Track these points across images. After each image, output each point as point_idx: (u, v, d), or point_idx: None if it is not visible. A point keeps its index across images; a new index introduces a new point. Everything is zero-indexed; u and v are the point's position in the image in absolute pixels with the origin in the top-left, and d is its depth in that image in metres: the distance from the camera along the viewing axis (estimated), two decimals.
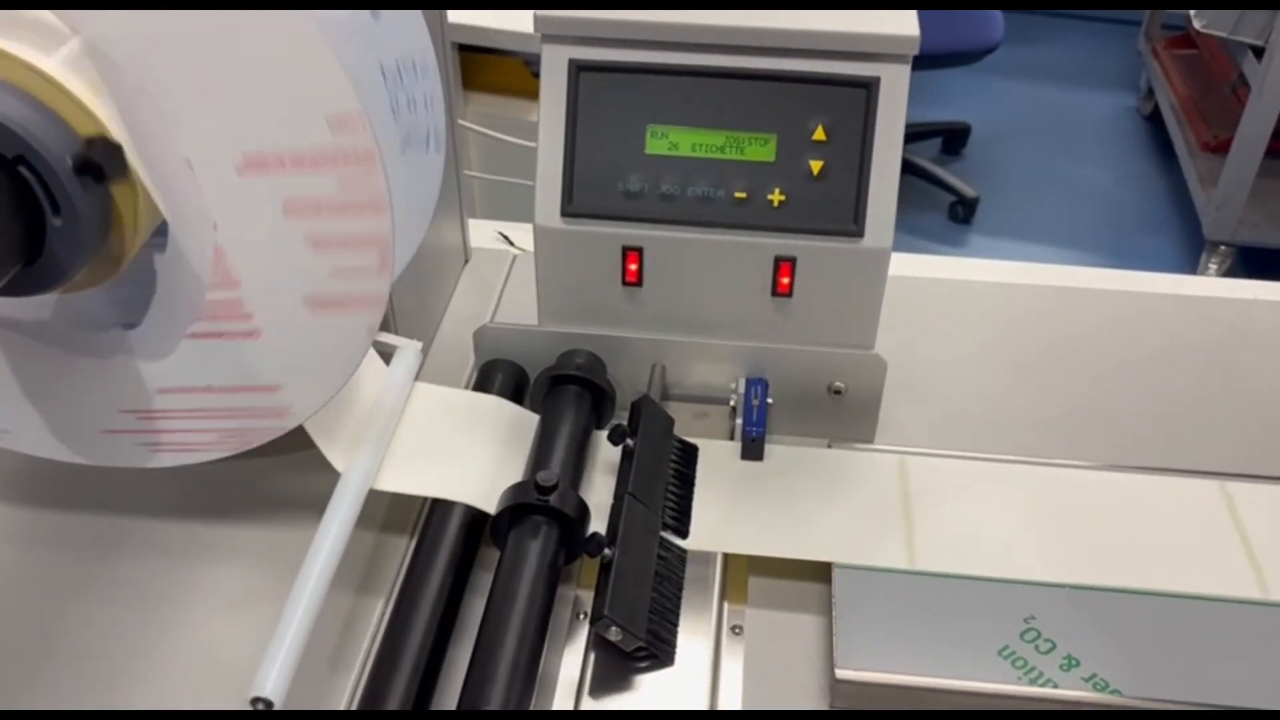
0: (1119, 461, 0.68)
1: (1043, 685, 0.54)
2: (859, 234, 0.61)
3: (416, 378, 0.63)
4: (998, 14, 2.13)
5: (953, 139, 2.67)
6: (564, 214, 0.62)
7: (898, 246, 0.63)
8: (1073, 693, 0.54)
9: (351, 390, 0.58)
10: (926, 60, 2.17)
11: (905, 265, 0.89)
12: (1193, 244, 2.31)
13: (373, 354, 0.61)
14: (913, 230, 2.42)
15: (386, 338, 0.62)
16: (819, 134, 0.61)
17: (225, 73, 0.45)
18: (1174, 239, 2.41)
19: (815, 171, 0.61)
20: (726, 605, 0.60)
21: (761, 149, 0.61)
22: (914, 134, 2.62)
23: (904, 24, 0.59)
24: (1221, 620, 0.57)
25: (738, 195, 0.61)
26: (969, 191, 2.42)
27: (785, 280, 0.64)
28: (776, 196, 0.61)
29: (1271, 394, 0.75)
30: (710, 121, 0.61)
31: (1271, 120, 2.00)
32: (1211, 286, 0.89)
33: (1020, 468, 0.66)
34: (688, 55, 0.61)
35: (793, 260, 0.63)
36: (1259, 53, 2.01)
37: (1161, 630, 0.56)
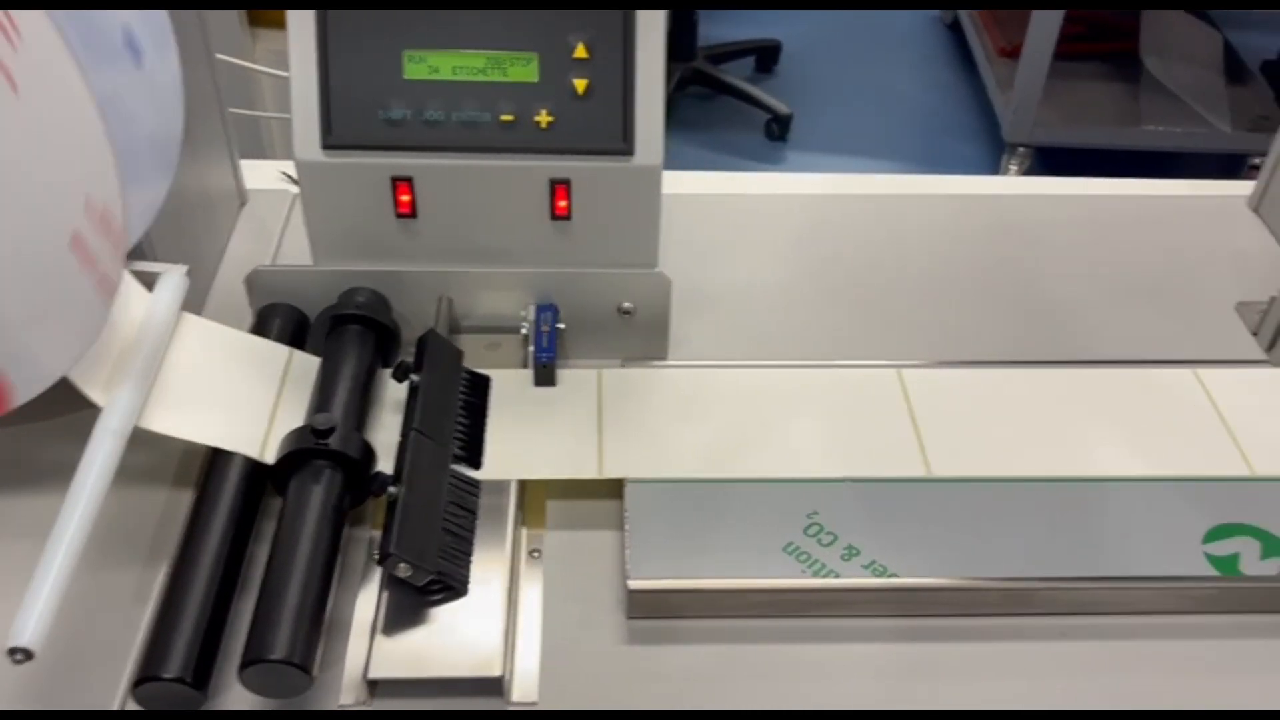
0: (907, 359, 0.70)
1: (825, 576, 0.56)
2: (629, 152, 0.61)
3: None
4: None
5: (764, 57, 2.69)
6: (325, 146, 0.60)
7: (714, 165, 0.64)
8: (853, 580, 0.56)
9: (112, 322, 0.54)
10: None
11: (710, 183, 0.90)
12: (997, 146, 2.40)
13: (135, 283, 0.58)
14: (729, 149, 2.44)
15: (146, 265, 0.58)
16: (580, 52, 0.60)
17: None
18: (979, 143, 2.50)
19: (580, 90, 0.60)
20: (525, 531, 0.61)
21: (524, 69, 0.60)
22: (725, 54, 2.63)
23: None
24: (987, 500, 0.60)
25: (504, 118, 0.60)
26: (782, 109, 2.45)
27: (563, 203, 0.63)
28: (544, 117, 0.61)
29: (1050, 283, 0.79)
30: (469, 43, 0.60)
31: (1056, 24, 2.08)
32: (1003, 185, 0.93)
33: (806, 371, 0.68)
34: None
35: (567, 182, 0.62)
36: None
37: (932, 514, 0.59)
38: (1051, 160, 2.37)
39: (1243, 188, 0.88)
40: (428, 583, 0.54)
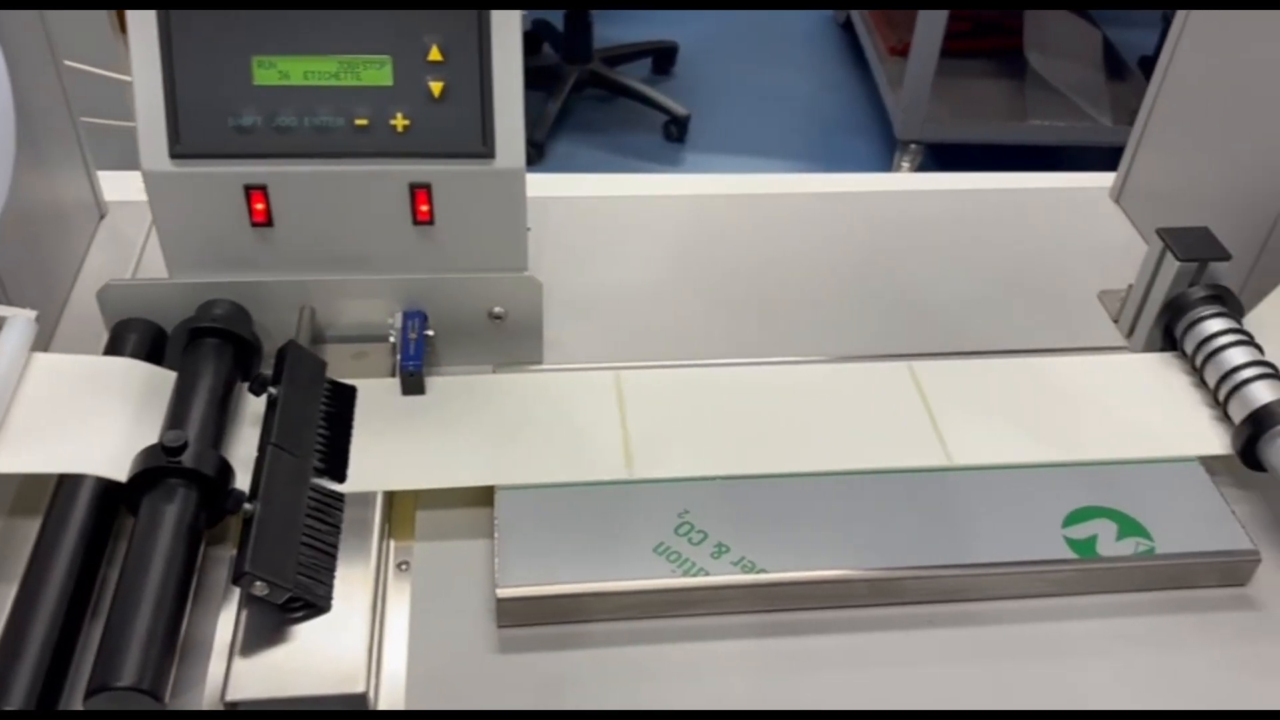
0: (783, 356, 0.71)
1: (696, 574, 0.56)
2: (489, 155, 0.61)
3: (44, 349, 0.59)
4: None
5: (661, 59, 2.70)
6: (173, 155, 0.59)
7: (611, 168, 0.64)
8: (723, 577, 0.56)
9: None
10: None
11: (598, 185, 0.90)
12: (890, 144, 2.44)
13: None
14: (627, 151, 2.45)
15: None
16: (435, 54, 0.59)
17: None
18: (873, 140, 2.54)
19: (437, 93, 0.60)
20: (393, 543, 0.60)
21: (378, 73, 0.59)
22: (622, 55, 2.64)
23: None
24: (855, 492, 0.61)
25: (359, 122, 0.59)
26: (680, 110, 2.46)
27: (424, 207, 0.62)
28: (400, 121, 0.60)
29: (923, 276, 0.81)
30: (320, 47, 0.58)
31: (941, 22, 2.13)
32: (889, 182, 0.94)
33: (681, 370, 0.68)
34: None
35: (428, 186, 0.62)
36: None
37: (801, 508, 0.60)
38: (943, 156, 2.42)
39: (1106, 179, 0.91)
40: (288, 600, 0.52)
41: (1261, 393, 0.63)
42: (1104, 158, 0.88)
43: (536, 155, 2.35)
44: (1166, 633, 0.58)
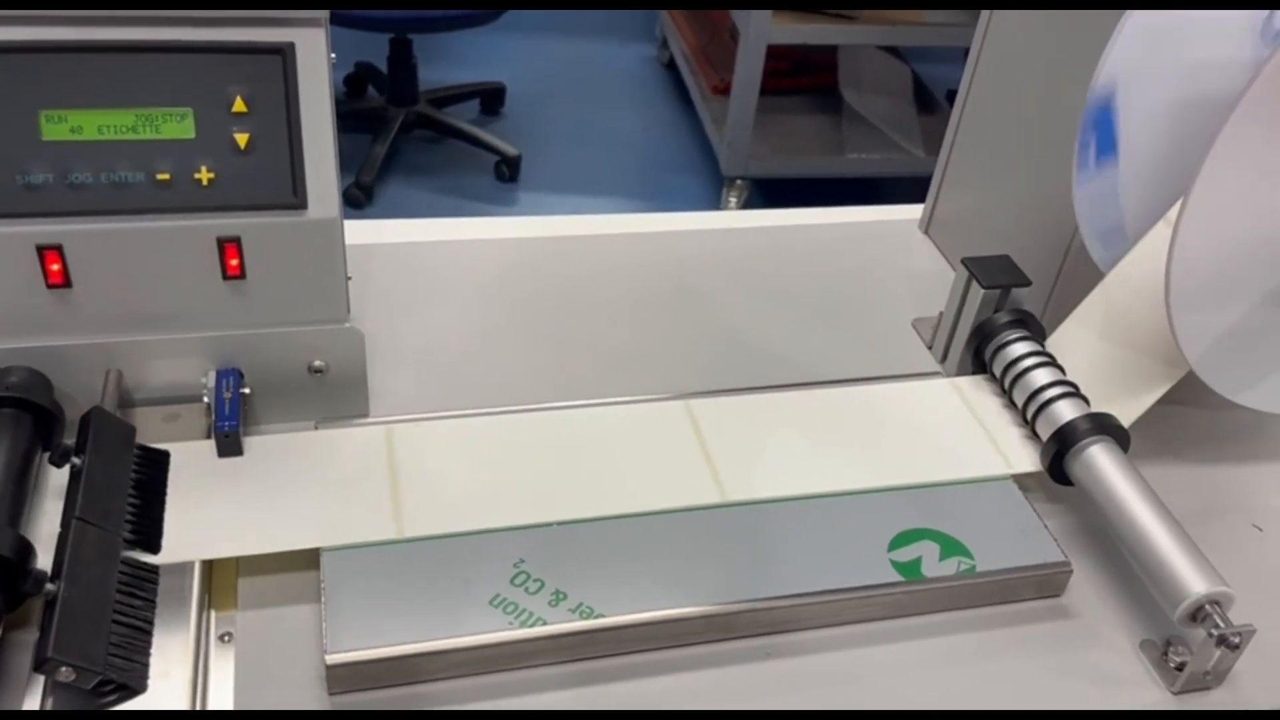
0: (611, 397, 0.71)
1: (534, 624, 0.56)
2: (301, 205, 0.59)
3: None
4: None
5: (489, 99, 2.70)
6: None
7: (443, 211, 0.63)
8: (561, 625, 0.56)
9: None
10: (444, 22, 2.18)
11: (425, 230, 0.89)
12: (718, 180, 2.49)
13: None
14: (460, 192, 2.43)
15: None
16: (239, 105, 0.57)
17: None
18: (701, 177, 2.59)
19: (242, 144, 0.58)
20: (214, 614, 0.57)
21: (179, 126, 0.57)
22: (450, 96, 2.63)
23: None
24: (688, 529, 0.61)
25: (160, 177, 0.57)
26: (510, 150, 2.47)
27: (234, 262, 0.60)
28: (204, 175, 0.57)
29: (745, 310, 0.82)
30: (115, 100, 0.56)
31: (760, 61, 2.19)
32: (712, 220, 0.96)
33: (512, 416, 0.68)
34: (78, 30, 0.55)
35: (237, 240, 0.59)
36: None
37: (636, 549, 0.60)
38: (769, 190, 2.49)
39: (916, 211, 0.95)
40: (99, 683, 0.49)
41: (1065, 411, 0.66)
42: (920, 187, 0.92)
43: (365, 199, 2.31)
44: (991, 646, 0.60)
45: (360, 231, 0.86)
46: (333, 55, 0.59)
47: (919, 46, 2.57)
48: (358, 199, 2.30)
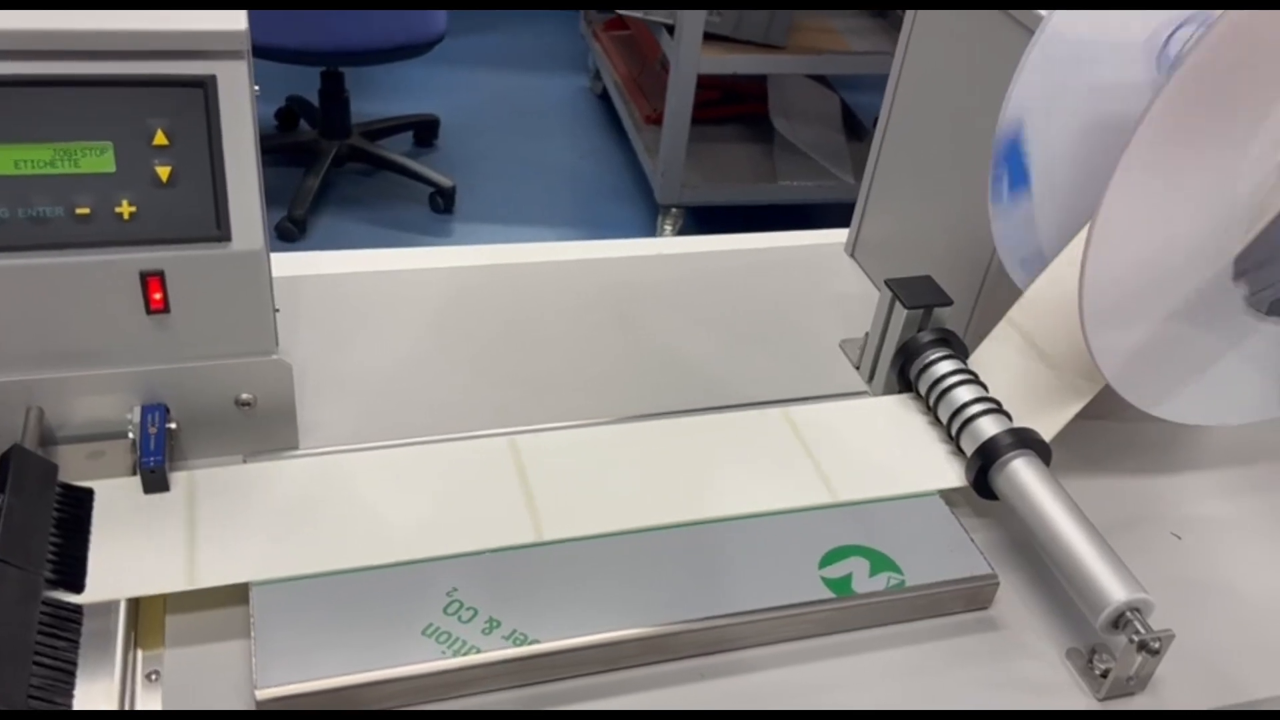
0: (546, 423, 0.71)
1: (468, 653, 0.55)
2: (225, 238, 0.59)
3: None
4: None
5: (423, 131, 2.70)
6: None
7: (378, 243, 0.62)
8: (495, 653, 0.56)
9: None
10: (375, 55, 2.18)
11: (358, 261, 0.89)
12: (654, 208, 2.51)
13: None
14: (395, 224, 2.43)
15: None
16: (160, 138, 0.57)
17: None
18: (637, 205, 2.61)
19: (164, 178, 0.57)
20: (140, 653, 0.56)
21: (98, 159, 0.56)
22: (384, 129, 2.62)
23: (232, 20, 0.57)
24: (621, 553, 0.62)
25: (80, 211, 0.56)
26: (445, 181, 2.47)
27: (158, 296, 0.59)
28: (125, 208, 0.57)
29: (679, 336, 0.83)
30: (32, 135, 0.55)
31: (690, 91, 2.22)
32: (646, 247, 0.96)
33: (445, 445, 0.67)
34: None
35: (160, 274, 0.59)
36: (671, 30, 2.22)
37: (569, 574, 0.60)
38: (703, 217, 2.51)
39: (842, 235, 0.97)
40: None
41: (988, 426, 0.67)
42: (850, 212, 0.94)
43: (298, 232, 2.29)
44: (922, 660, 0.61)
45: (291, 263, 0.86)
46: (256, 87, 0.59)
47: (847, 75, 2.62)
48: (291, 232, 2.28)
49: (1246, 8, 0.53)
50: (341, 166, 2.50)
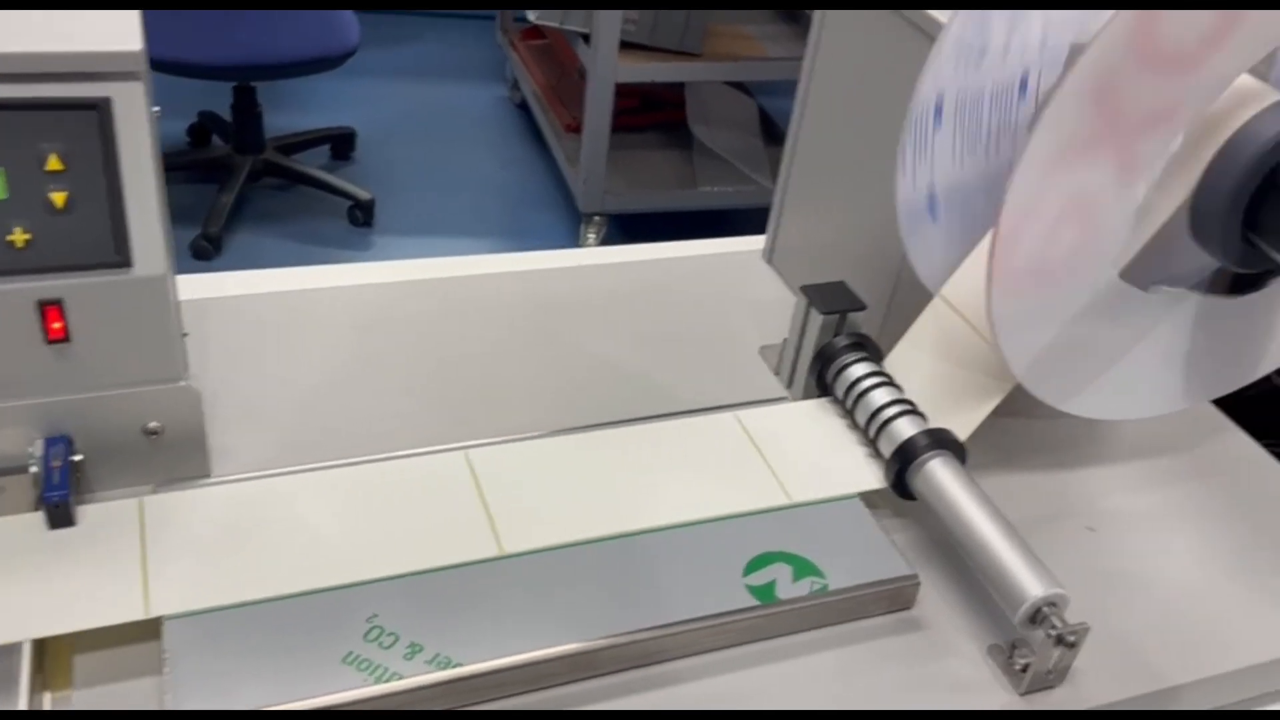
0: (472, 439, 0.70)
1: (389, 680, 0.55)
2: (125, 264, 0.57)
3: None
4: (350, 15, 2.14)
5: (340, 144, 2.67)
6: None
7: (297, 259, 0.61)
8: (417, 679, 0.55)
9: None
10: (288, 68, 2.15)
11: (275, 280, 0.87)
12: (577, 216, 2.51)
13: None
14: (313, 239, 2.39)
15: None
16: (54, 163, 0.55)
17: None
18: (560, 214, 2.61)
19: (60, 203, 0.56)
20: (48, 695, 0.54)
21: None
22: (300, 143, 2.59)
23: (127, 40, 0.55)
24: (543, 570, 0.61)
25: None
26: (363, 195, 2.44)
27: (57, 325, 0.58)
28: (19, 236, 0.55)
29: (598, 346, 0.83)
30: None
31: (609, 99, 2.22)
32: (565, 258, 0.96)
33: (367, 466, 0.66)
34: None
35: (59, 302, 0.57)
36: (588, 39, 2.22)
37: (491, 594, 0.59)
38: (626, 225, 2.52)
39: (759, 242, 0.97)
40: None
41: (905, 428, 0.68)
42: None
43: (213, 250, 2.25)
44: (847, 663, 0.62)
45: (201, 285, 0.84)
46: (156, 108, 0.57)
47: (764, 80, 2.64)
48: (206, 251, 2.23)
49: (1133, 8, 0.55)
50: (257, 182, 2.46)
